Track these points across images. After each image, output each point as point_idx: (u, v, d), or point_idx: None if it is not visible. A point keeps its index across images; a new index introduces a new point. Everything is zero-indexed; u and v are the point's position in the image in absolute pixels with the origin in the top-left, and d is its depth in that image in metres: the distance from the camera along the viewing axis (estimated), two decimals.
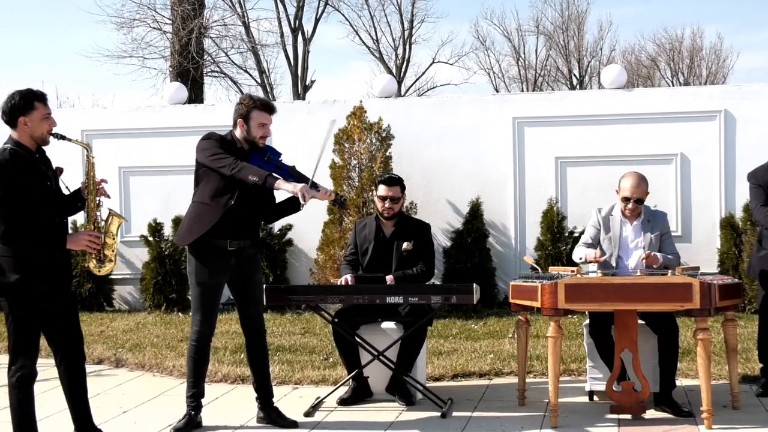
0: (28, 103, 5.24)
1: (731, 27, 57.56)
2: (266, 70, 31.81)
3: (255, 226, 6.27)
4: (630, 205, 6.73)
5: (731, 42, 63.72)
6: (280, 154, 6.21)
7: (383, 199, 7.07)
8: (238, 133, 6.12)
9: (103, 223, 5.46)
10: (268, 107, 6.14)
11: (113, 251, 5.46)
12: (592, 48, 41.16)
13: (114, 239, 5.46)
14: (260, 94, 29.49)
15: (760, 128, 7.10)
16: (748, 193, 7.12)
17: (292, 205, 6.24)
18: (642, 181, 6.75)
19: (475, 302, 6.47)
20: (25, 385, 5.26)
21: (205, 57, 25.75)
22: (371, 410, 6.67)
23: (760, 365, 7.10)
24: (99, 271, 5.40)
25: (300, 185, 5.83)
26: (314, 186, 5.98)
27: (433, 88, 38.35)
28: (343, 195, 6.19)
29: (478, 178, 11.65)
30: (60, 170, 5.48)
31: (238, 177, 5.76)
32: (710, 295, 5.82)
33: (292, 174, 6.09)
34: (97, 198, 5.44)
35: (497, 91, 38.64)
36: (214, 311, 6.20)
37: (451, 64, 38.88)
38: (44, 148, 5.38)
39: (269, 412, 6.28)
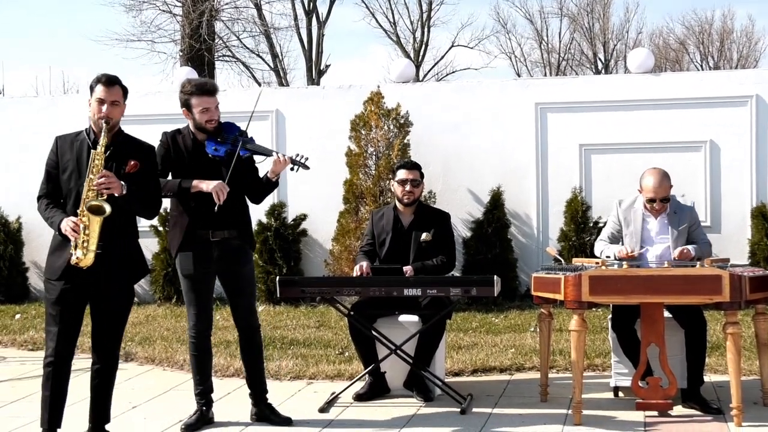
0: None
1: (764, 8, 57.01)
2: (279, 54, 31.80)
3: (240, 216, 6.05)
4: (657, 206, 6.51)
5: (763, 24, 63.36)
6: (236, 129, 6.03)
7: (403, 183, 6.93)
8: (191, 125, 6.04)
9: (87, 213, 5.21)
10: (204, 90, 5.96)
11: (90, 243, 5.19)
12: (618, 31, 40.89)
13: (93, 231, 5.19)
14: (273, 78, 29.42)
15: None
16: None
17: (268, 184, 6.10)
18: (665, 178, 6.53)
19: (495, 295, 6.33)
20: None
21: (216, 41, 25.70)
22: (388, 406, 6.53)
23: None
24: (79, 262, 5.17)
25: (214, 184, 5.74)
26: (264, 152, 5.99)
27: (453, 72, 38.21)
28: (300, 155, 5.97)
29: (499, 166, 11.46)
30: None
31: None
32: (740, 288, 5.67)
33: (250, 149, 5.97)
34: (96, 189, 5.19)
35: (519, 76, 38.40)
36: (208, 305, 6.07)
37: (471, 48, 38.74)
38: None
39: (263, 409, 6.14)
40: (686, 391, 6.22)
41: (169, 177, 5.96)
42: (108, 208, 5.10)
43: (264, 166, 6.14)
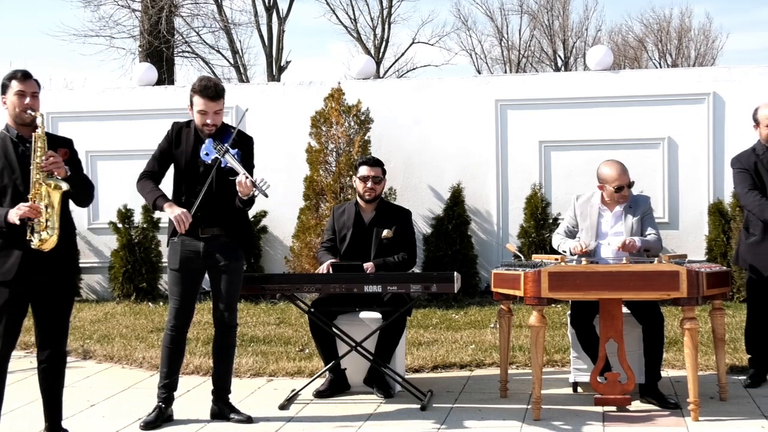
0: None
1: (721, 7, 57.63)
2: (239, 51, 31.64)
3: (229, 214, 6.02)
4: (625, 192, 6.55)
5: (721, 22, 64.01)
6: (229, 138, 5.93)
7: (365, 179, 6.92)
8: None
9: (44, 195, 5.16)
10: (205, 92, 5.89)
11: (54, 222, 5.15)
12: (577, 28, 41.13)
13: (54, 209, 5.16)
14: (233, 75, 29.27)
15: (750, 111, 6.96)
16: (733, 178, 6.96)
17: (243, 201, 6.01)
18: (624, 167, 6.62)
19: (456, 291, 6.32)
20: None
21: (175, 36, 25.49)
22: (348, 403, 6.53)
23: (748, 356, 7.00)
24: (42, 245, 5.11)
25: (178, 212, 5.73)
26: (236, 170, 5.84)
27: (413, 69, 38.26)
28: (263, 181, 5.90)
29: (460, 163, 11.48)
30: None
31: (138, 192, 5.96)
32: (698, 284, 5.73)
33: (230, 166, 5.86)
34: (45, 172, 5.14)
35: (479, 73, 38.55)
36: (190, 301, 6.04)
37: (432, 45, 38.79)
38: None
39: (222, 408, 6.12)
40: (644, 386, 6.26)
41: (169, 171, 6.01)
42: (65, 185, 5.09)
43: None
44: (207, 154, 5.84)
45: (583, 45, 39.63)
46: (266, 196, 5.90)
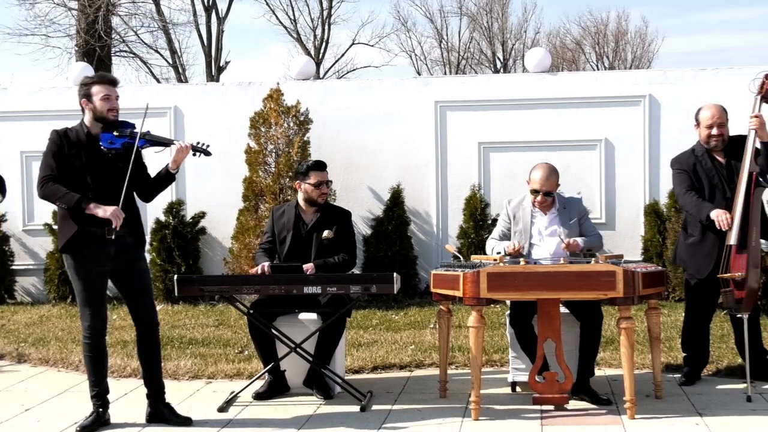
0: None
1: (656, 10, 58.51)
2: (178, 51, 31.46)
3: (133, 213, 5.95)
4: (539, 198, 6.63)
5: (656, 26, 64.94)
6: (132, 125, 5.92)
7: (318, 185, 6.91)
8: (87, 118, 5.93)
9: None
10: (105, 79, 5.94)
11: None
12: (516, 30, 41.50)
13: None
14: (172, 75, 29.03)
15: (684, 113, 7.07)
16: (672, 179, 7.03)
17: (167, 177, 6.04)
18: (552, 173, 6.66)
19: (395, 292, 6.31)
20: None
21: (113, 36, 25.19)
22: (288, 404, 6.49)
23: (683, 354, 7.08)
24: None
25: (111, 210, 5.66)
26: (164, 143, 5.95)
27: (353, 70, 38.34)
28: (201, 142, 5.96)
29: (399, 164, 11.50)
30: None
31: (46, 198, 5.80)
32: (634, 284, 5.79)
33: (149, 140, 5.90)
34: None
35: (419, 74, 38.64)
36: (103, 304, 5.94)
37: (372, 46, 38.91)
38: None
39: (160, 409, 6.05)
40: (576, 383, 6.29)
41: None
42: None
43: (162, 159, 6.04)
44: (111, 143, 5.78)
45: (522, 47, 39.97)
46: (209, 154, 5.98)
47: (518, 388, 6.70)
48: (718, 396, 6.43)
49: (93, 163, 5.80)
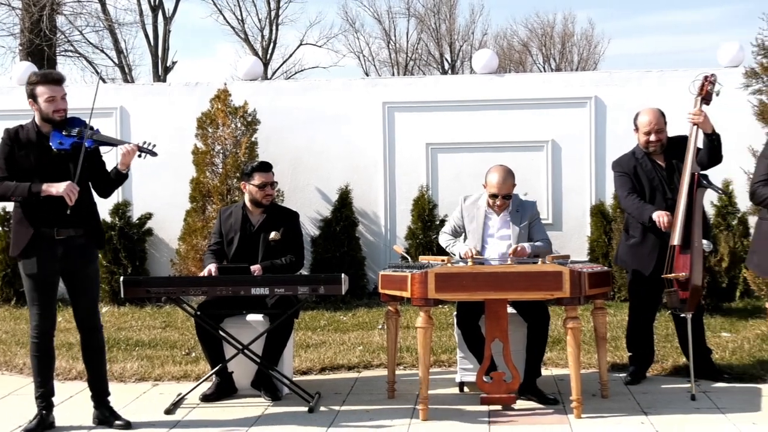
0: None
1: (602, 12, 59.15)
2: (124, 51, 31.19)
3: (86, 213, 5.89)
4: (498, 201, 6.67)
5: (602, 28, 65.62)
6: (82, 122, 5.89)
7: (262, 186, 6.88)
8: (36, 117, 5.87)
9: None
10: (49, 78, 5.84)
11: None
12: (463, 32, 41.61)
13: None
14: (118, 75, 28.78)
15: (630, 115, 7.13)
16: (614, 182, 7.11)
17: (119, 177, 5.99)
18: (509, 176, 6.70)
19: (343, 293, 6.29)
20: None
21: (58, 35, 24.91)
22: (235, 406, 6.46)
23: (629, 353, 7.15)
24: None
25: (64, 186, 5.62)
26: (111, 143, 5.92)
27: (301, 71, 38.22)
28: (147, 142, 5.94)
29: (347, 165, 11.48)
30: None
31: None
32: (580, 284, 5.84)
33: (97, 140, 5.86)
34: None
35: (367, 75, 38.63)
36: (52, 305, 5.88)
37: (320, 47, 38.81)
38: None
39: (103, 411, 6.01)
40: (523, 383, 6.32)
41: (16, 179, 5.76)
42: None
43: (112, 159, 5.99)
44: (61, 143, 5.72)
45: (469, 48, 40.15)
46: (155, 154, 5.92)
47: (466, 389, 6.72)
48: (662, 395, 6.51)
49: (44, 164, 5.74)
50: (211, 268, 6.64)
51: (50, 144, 5.73)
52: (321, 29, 59.00)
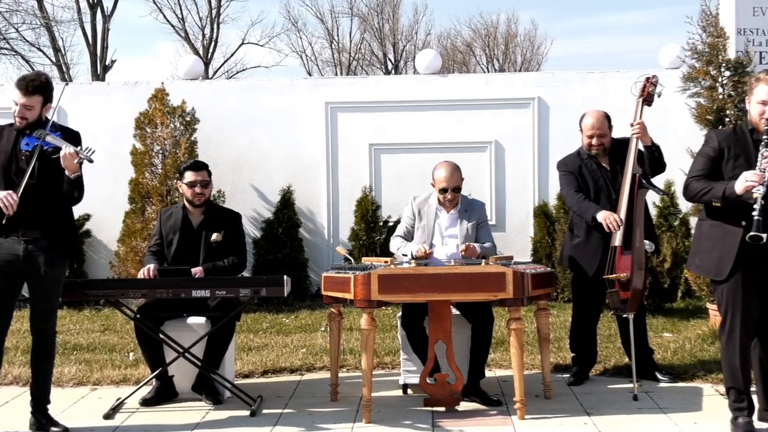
0: None
1: (545, 14, 59.64)
2: (62, 49, 30.81)
3: (52, 215, 5.77)
4: (449, 195, 6.65)
5: (545, 29, 66.14)
6: (48, 124, 5.83)
7: (192, 185, 6.79)
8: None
9: None
10: (19, 83, 5.80)
11: None
12: (407, 32, 41.63)
13: None
14: (56, 73, 28.42)
15: (572, 116, 7.17)
16: (559, 181, 7.12)
17: (70, 182, 5.88)
18: (456, 170, 6.70)
19: (285, 295, 6.25)
20: None
21: None
22: (176, 410, 6.37)
23: (572, 354, 7.18)
24: None
25: (2, 194, 5.54)
26: (59, 147, 5.75)
27: (243, 70, 38.05)
28: (88, 148, 5.86)
29: (290, 166, 11.42)
30: None
31: None
32: (523, 285, 5.83)
33: (51, 143, 5.76)
34: None
35: (310, 75, 38.48)
36: (8, 307, 5.76)
37: (262, 46, 38.67)
38: None
39: (40, 418, 5.86)
40: (467, 385, 6.31)
41: None
42: None
43: None
44: (27, 144, 5.68)
45: (413, 49, 40.17)
46: (91, 161, 5.82)
47: (409, 390, 6.69)
48: (605, 395, 6.53)
49: (15, 163, 5.70)
50: (150, 266, 6.54)
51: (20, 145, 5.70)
52: (263, 28, 58.99)
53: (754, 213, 5.04)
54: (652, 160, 6.66)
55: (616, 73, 11.18)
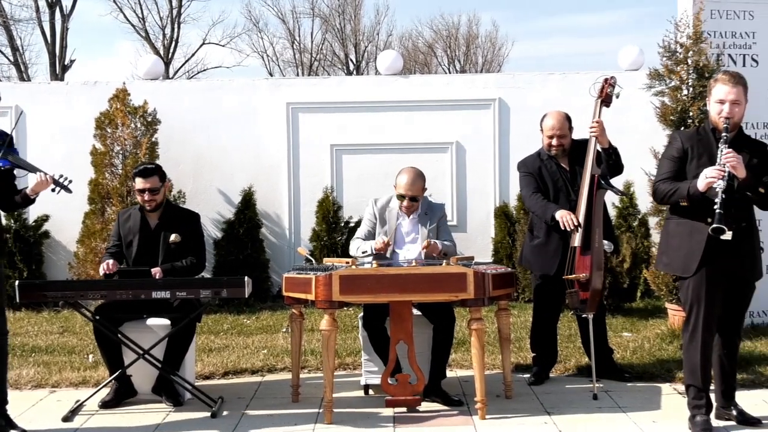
0: None
1: (506, 15, 59.86)
2: (20, 48, 30.48)
3: None
4: (405, 203, 6.65)
5: (506, 30, 66.40)
6: (3, 136, 5.77)
7: (141, 192, 6.76)
8: None
9: None
10: None
11: None
12: (369, 32, 41.60)
13: None
14: (14, 73, 28.15)
15: (533, 117, 7.22)
16: (519, 182, 7.15)
17: (26, 200, 5.88)
18: (418, 178, 6.69)
19: (247, 296, 6.24)
20: None
21: None
22: (136, 412, 6.33)
23: (532, 354, 7.21)
24: None
25: None
26: (27, 168, 5.79)
27: (204, 70, 37.91)
28: (64, 176, 5.82)
29: (251, 166, 11.39)
30: None
31: None
32: (484, 285, 5.85)
33: (12, 162, 5.75)
34: None
35: (271, 75, 38.39)
36: None
37: (223, 46, 38.55)
38: None
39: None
40: (428, 385, 6.32)
41: None
42: None
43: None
44: None
45: (374, 49, 40.17)
46: (70, 191, 5.81)
47: (371, 391, 6.70)
48: (565, 395, 6.57)
49: None
50: (110, 261, 6.51)
51: None
52: (224, 28, 58.74)
53: (716, 207, 5.14)
54: (609, 162, 6.70)
55: (576, 74, 11.25)
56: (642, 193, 9.56)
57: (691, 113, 8.31)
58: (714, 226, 5.12)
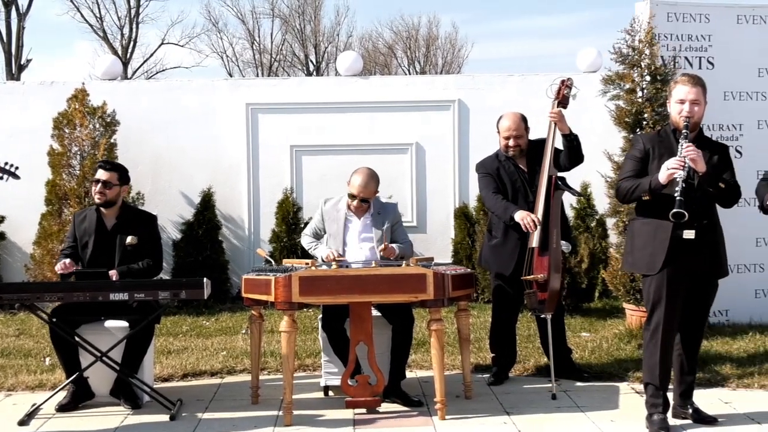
0: None
1: (466, 17, 60.06)
2: None
3: None
4: (355, 203, 6.66)
5: (466, 32, 66.61)
6: None
7: (96, 182, 6.72)
8: None
9: None
10: None
11: None
12: (329, 33, 41.57)
13: None
14: None
15: (492, 118, 7.24)
16: (478, 182, 7.17)
17: None
18: (372, 180, 6.69)
19: (206, 297, 6.20)
20: None
21: None
22: (93, 416, 6.28)
23: (492, 354, 7.23)
24: None
25: None
26: None
27: (163, 70, 37.72)
28: (8, 163, 5.76)
29: (210, 167, 11.34)
30: None
31: None
32: (444, 286, 5.87)
33: None
34: None
35: (231, 76, 38.21)
36: None
37: (182, 46, 38.41)
38: None
39: None
40: (388, 386, 6.32)
41: None
42: None
43: None
44: None
45: (334, 50, 40.13)
46: (17, 177, 5.76)
47: (331, 392, 6.69)
48: (525, 395, 6.61)
49: None
50: (66, 261, 6.46)
51: None
52: (183, 28, 58.38)
53: (676, 194, 5.20)
54: (570, 149, 6.73)
55: (535, 76, 11.31)
56: (599, 194, 9.62)
57: (645, 115, 8.38)
58: (674, 210, 5.18)
